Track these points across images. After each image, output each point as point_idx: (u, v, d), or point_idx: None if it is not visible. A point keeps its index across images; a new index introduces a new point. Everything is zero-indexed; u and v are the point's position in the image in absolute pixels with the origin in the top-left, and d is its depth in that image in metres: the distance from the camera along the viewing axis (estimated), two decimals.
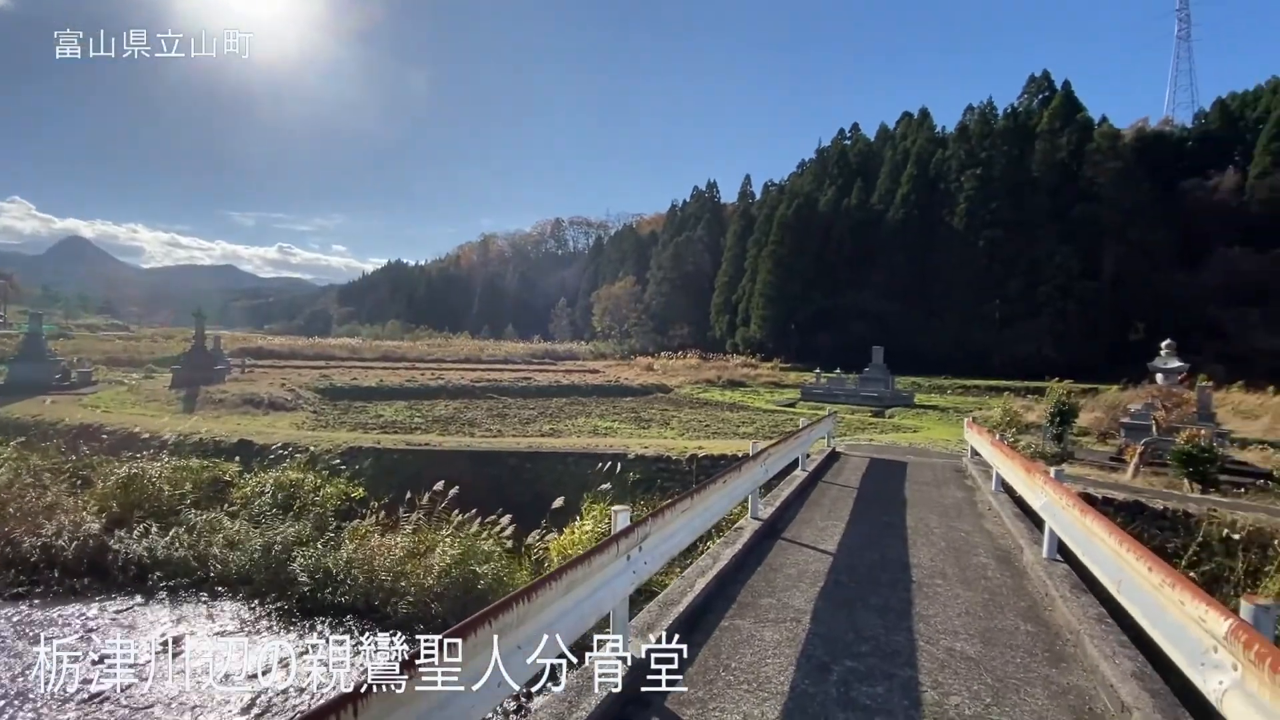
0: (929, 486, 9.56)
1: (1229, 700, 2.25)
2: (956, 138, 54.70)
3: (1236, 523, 8.37)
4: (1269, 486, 12.10)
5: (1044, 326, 44.32)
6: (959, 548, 6.33)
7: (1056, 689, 3.52)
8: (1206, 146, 60.91)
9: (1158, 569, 2.95)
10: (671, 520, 4.29)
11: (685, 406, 27.20)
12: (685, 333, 69.33)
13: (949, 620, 4.48)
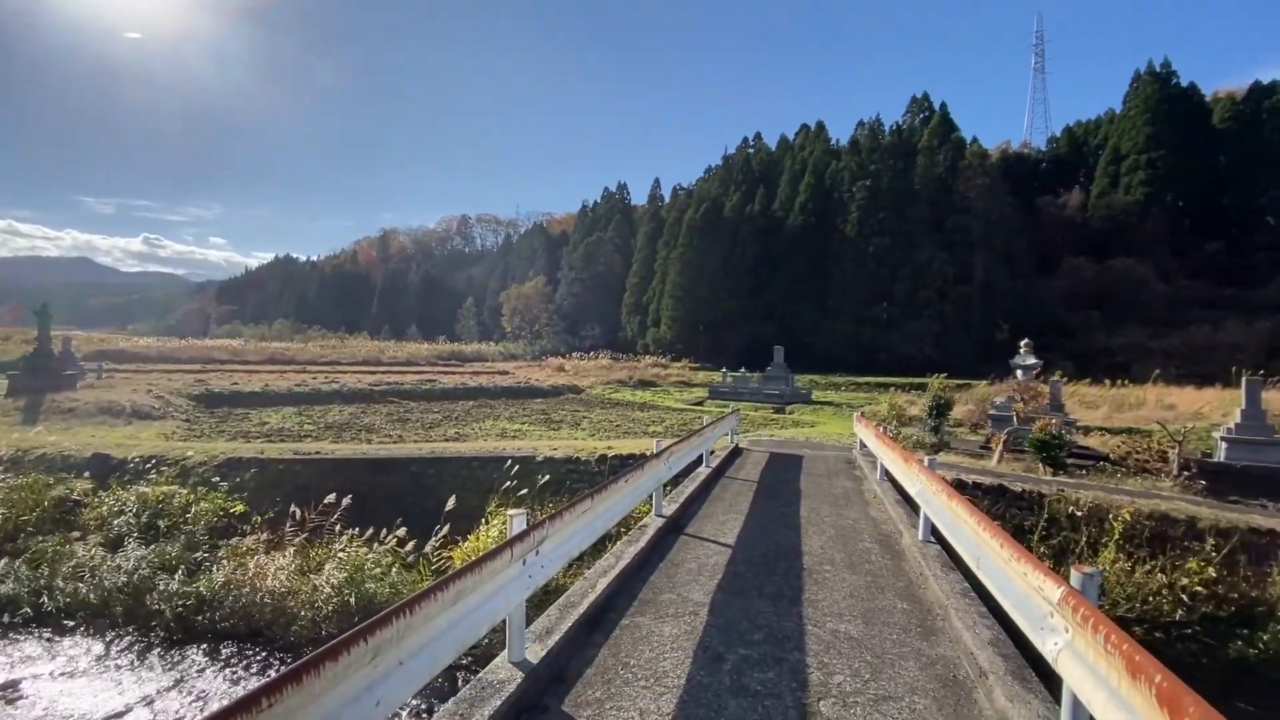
0: (822, 478, 10.12)
1: (1063, 659, 2.53)
2: (849, 150, 58.35)
3: (1080, 500, 9.46)
4: (1105, 467, 13.83)
5: (925, 327, 48.20)
6: (847, 534, 6.74)
7: (926, 660, 3.83)
8: (1058, 168, 68.84)
9: (1007, 545, 3.28)
10: (571, 522, 4.26)
11: (596, 407, 27.19)
12: (597, 333, 69.38)
13: (835, 603, 4.75)
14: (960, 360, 44.11)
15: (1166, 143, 55.26)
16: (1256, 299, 47.07)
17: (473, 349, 64.53)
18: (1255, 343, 40.59)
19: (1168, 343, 43.33)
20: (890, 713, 3.20)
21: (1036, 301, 51.17)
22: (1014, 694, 3.16)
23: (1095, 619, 2.25)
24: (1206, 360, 37.81)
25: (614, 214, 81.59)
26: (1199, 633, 7.50)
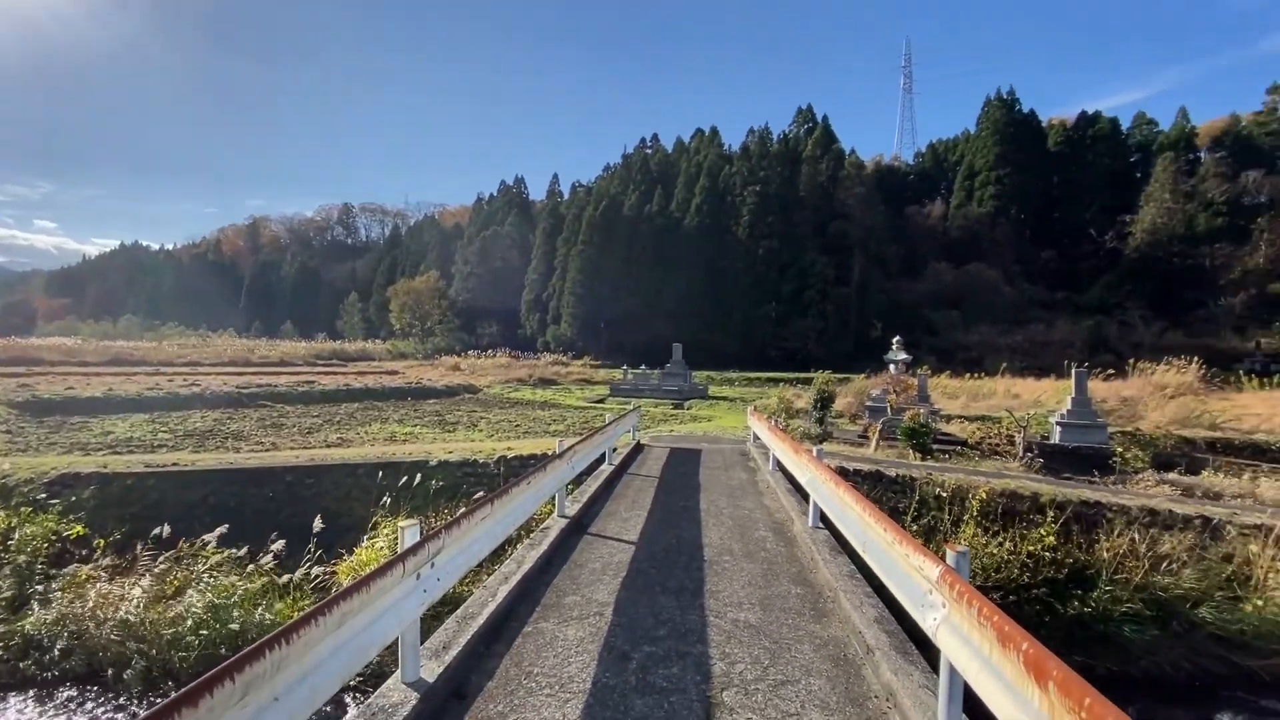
0: (719, 471, 10.45)
1: (941, 632, 2.74)
2: (740, 156, 60.85)
3: (945, 482, 10.43)
4: (965, 451, 15.39)
5: (810, 325, 51.37)
6: (744, 525, 6.99)
7: (820, 642, 4.03)
8: (923, 181, 75.87)
9: (890, 529, 3.52)
10: (469, 530, 4.07)
11: (495, 407, 26.44)
12: (494, 331, 67.56)
13: (735, 593, 4.90)
14: (840, 356, 47.40)
15: (1011, 162, 62.56)
16: (1081, 301, 54.46)
17: (357, 348, 60.52)
18: (1081, 339, 46.95)
19: (1013, 339, 49.01)
20: (788, 696, 3.33)
21: (905, 301, 56.07)
22: (898, 667, 3.40)
23: (969, 594, 2.45)
24: (1043, 354, 43.23)
25: (511, 208, 79.79)
26: (1043, 594, 8.50)
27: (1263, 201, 53.96)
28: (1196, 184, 55.32)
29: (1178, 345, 36.54)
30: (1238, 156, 57.87)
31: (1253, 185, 55.18)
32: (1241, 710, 7.14)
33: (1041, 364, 37.79)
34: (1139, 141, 65.29)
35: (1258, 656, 7.72)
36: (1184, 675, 7.79)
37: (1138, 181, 59.10)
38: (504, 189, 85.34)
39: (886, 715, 3.15)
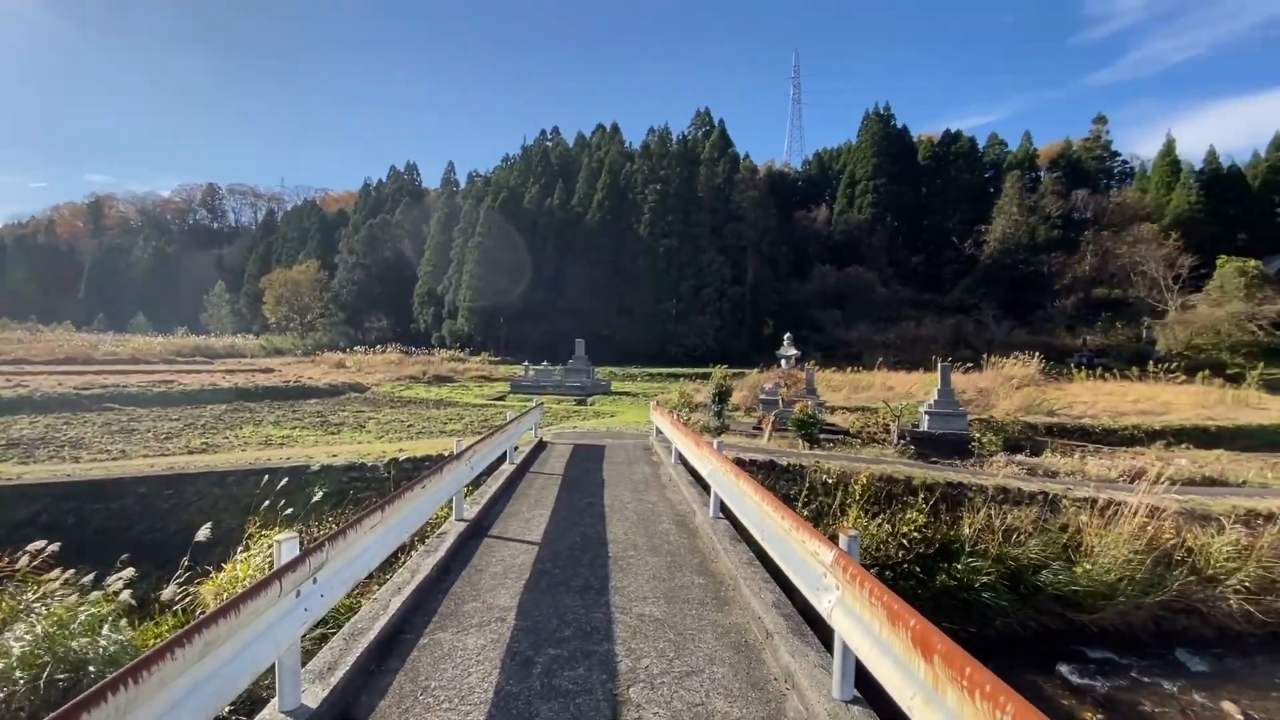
0: (623, 465, 10.50)
1: (835, 614, 2.88)
2: (641, 154, 61.46)
3: (831, 469, 11.12)
4: (848, 440, 16.51)
5: (708, 322, 52.96)
6: (647, 518, 7.05)
7: (722, 630, 4.14)
8: (810, 187, 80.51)
9: (787, 516, 3.67)
10: (357, 539, 3.77)
11: (385, 406, 24.98)
12: (384, 325, 63.86)
13: (640, 587, 4.92)
14: (736, 351, 49.30)
15: (887, 173, 67.87)
16: (945, 301, 60.17)
17: (225, 343, 54.89)
18: (945, 336, 51.87)
19: (887, 336, 53.21)
20: (693, 686, 3.38)
21: (794, 301, 59.28)
22: (795, 649, 3.55)
23: (861, 576, 2.59)
24: (913, 350, 47.38)
25: (403, 196, 75.72)
26: (915, 570, 9.29)
27: (1089, 217, 62.33)
28: (1037, 200, 62.83)
29: (1023, 342, 41.39)
30: (1070, 177, 66.42)
31: (1081, 203, 63.60)
32: (1076, 659, 8.19)
33: (912, 359, 41.42)
34: (992, 159, 73.08)
35: (1088, 612, 8.88)
36: (1030, 633, 8.80)
37: (991, 196, 66.11)
38: (394, 175, 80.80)
39: (786, 696, 3.28)
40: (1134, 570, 8.92)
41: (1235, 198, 62.13)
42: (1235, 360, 40.47)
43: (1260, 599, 8.85)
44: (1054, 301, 56.30)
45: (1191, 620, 8.98)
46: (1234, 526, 9.64)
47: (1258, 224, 60.67)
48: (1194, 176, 63.58)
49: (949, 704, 1.87)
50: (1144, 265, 52.25)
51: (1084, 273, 56.52)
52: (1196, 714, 6.98)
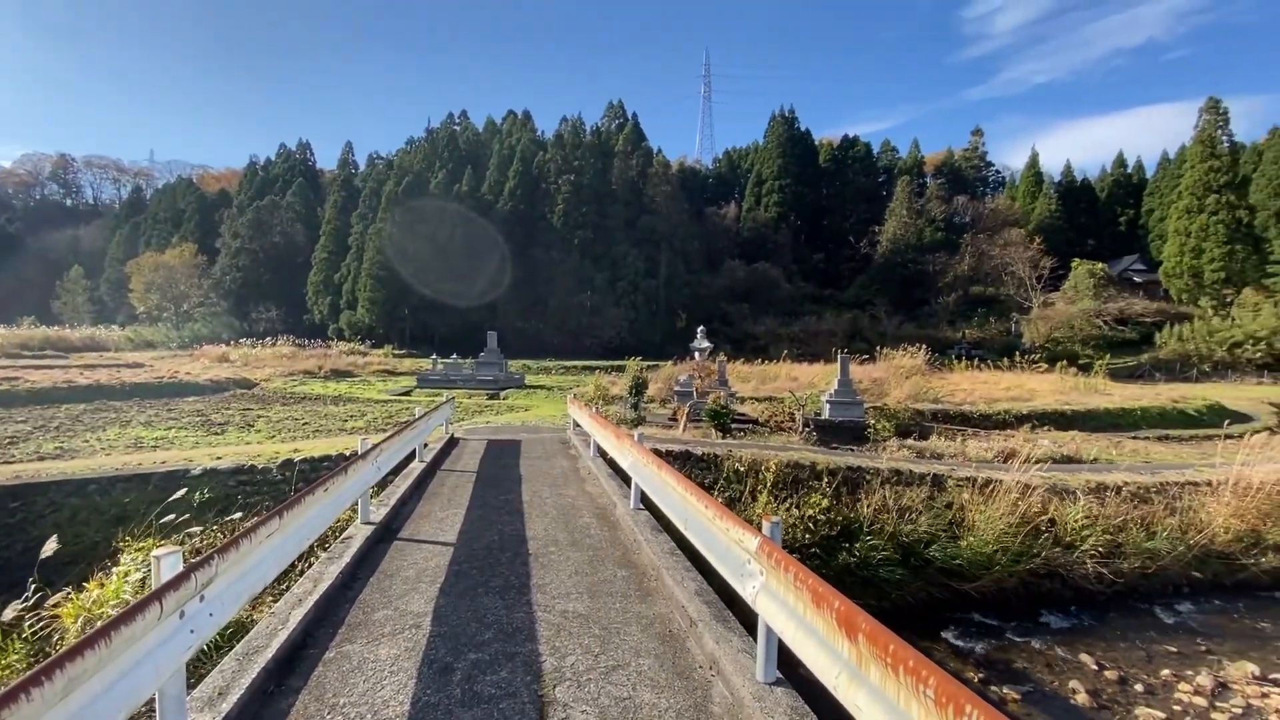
0: (540, 460, 10.32)
1: (760, 599, 2.95)
2: (554, 144, 60.53)
3: (743, 457, 11.49)
4: (757, 429, 17.14)
5: (623, 314, 53.21)
6: (568, 513, 6.97)
7: (647, 621, 4.15)
8: (720, 184, 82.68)
9: (711, 505, 3.73)
10: (251, 550, 3.44)
11: (276, 403, 23.15)
12: (274, 316, 59.16)
13: (562, 583, 4.84)
14: (650, 343, 49.91)
15: (791, 173, 70.92)
16: (843, 297, 63.86)
17: (84, 335, 48.72)
18: (843, 329, 55.05)
19: (792, 329, 55.81)
20: (620, 680, 3.37)
21: (706, 294, 60.77)
22: (720, 636, 3.62)
23: (785, 560, 2.67)
24: (815, 343, 49.96)
25: (295, 176, 70.35)
26: (819, 551, 9.80)
27: (968, 221, 68.24)
28: (924, 204, 68.00)
29: (911, 335, 44.73)
30: (951, 183, 72.40)
31: (961, 208, 69.50)
32: (960, 625, 8.96)
33: (814, 351, 43.70)
34: (885, 165, 78.23)
35: (970, 581, 9.74)
36: (921, 603, 9.53)
37: (884, 199, 70.78)
38: (285, 154, 74.85)
39: (712, 683, 3.33)
40: (1008, 542, 9.88)
41: (1087, 207, 70.23)
42: (1086, 352, 45.84)
43: (1109, 562, 10.07)
44: (938, 298, 61.22)
45: (1054, 584, 10.06)
46: (1086, 498, 10.90)
47: (1105, 231, 68.94)
48: (1054, 188, 71.25)
49: (873, 680, 1.96)
50: (1013, 266, 57.98)
51: (963, 272, 61.85)
52: (1059, 666, 7.83)
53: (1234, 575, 10.52)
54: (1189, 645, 8.50)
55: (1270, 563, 10.54)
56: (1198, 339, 45.58)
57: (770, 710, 2.81)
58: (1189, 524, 10.67)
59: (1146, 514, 10.82)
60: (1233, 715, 6.85)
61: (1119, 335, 50.23)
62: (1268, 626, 9.16)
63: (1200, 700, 7.10)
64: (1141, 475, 12.13)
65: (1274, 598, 10.24)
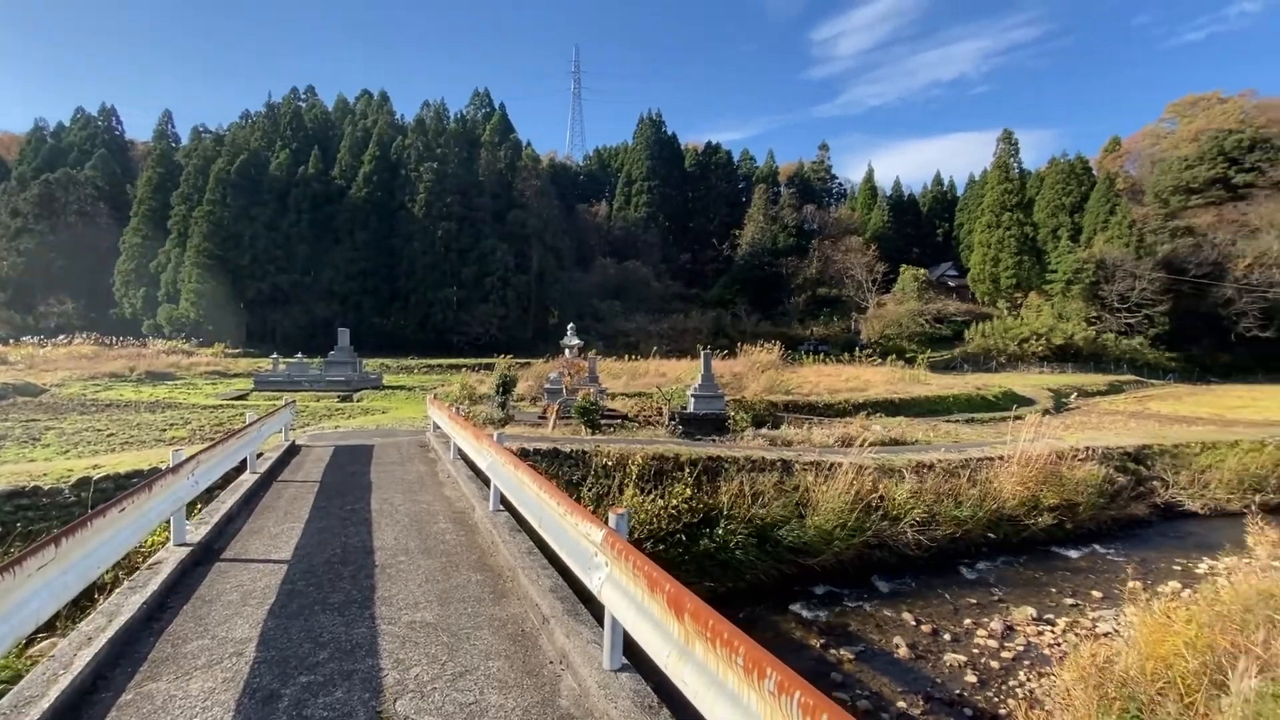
0: (395, 465, 9.74)
1: (605, 590, 3.01)
2: (415, 129, 57.23)
3: (610, 452, 11.66)
4: (627, 424, 17.48)
5: (492, 310, 51.66)
6: (421, 520, 6.64)
7: (499, 623, 4.08)
8: (591, 182, 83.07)
9: (562, 501, 3.74)
10: (16, 586, 2.90)
11: (72, 412, 19.68)
12: (70, 310, 50.29)
13: (411, 593, 4.61)
14: (522, 341, 49.00)
15: (659, 176, 73.05)
16: (708, 296, 66.98)
17: None
18: (708, 327, 57.75)
19: (661, 326, 57.56)
20: (466, 686, 3.28)
21: (577, 291, 60.84)
22: (570, 630, 3.65)
23: (626, 550, 2.75)
24: (683, 339, 51.94)
25: (96, 146, 60.23)
26: (683, 538, 10.22)
27: (815, 228, 74.50)
28: (779, 211, 73.22)
29: (767, 332, 47.97)
30: (802, 193, 78.60)
31: (810, 216, 75.71)
32: (806, 597, 9.78)
33: (682, 347, 45.47)
34: (745, 172, 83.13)
35: (815, 556, 10.66)
36: (774, 580, 10.27)
37: (744, 204, 75.27)
38: (84, 120, 63.79)
39: (561, 677, 3.35)
40: (846, 518, 10.95)
41: (912, 219, 79.56)
42: (911, 347, 52.00)
43: (926, 530, 11.51)
44: (790, 298, 66.27)
45: (883, 553, 11.31)
46: (910, 476, 12.38)
47: (926, 240, 78.48)
48: (886, 201, 79.93)
49: (697, 655, 2.08)
50: (853, 270, 64.31)
51: (812, 275, 67.49)
52: (886, 625, 8.82)
53: (1019, 534, 12.50)
54: (986, 596, 9.96)
55: (1045, 522, 12.64)
56: (996, 335, 53.45)
57: (614, 695, 2.88)
58: (986, 494, 12.49)
59: (955, 487, 12.50)
60: (1016, 652, 8.13)
61: (938, 332, 57.57)
62: (1042, 575, 10.99)
63: (993, 643, 8.35)
64: (952, 454, 13.99)
65: (1049, 550, 12.30)
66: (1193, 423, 24.08)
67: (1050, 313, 54.22)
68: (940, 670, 7.56)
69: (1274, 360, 53.68)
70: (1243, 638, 5.40)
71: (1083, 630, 8.52)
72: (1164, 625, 6.26)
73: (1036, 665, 7.65)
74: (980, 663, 7.76)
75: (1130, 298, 54.14)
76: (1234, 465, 15.57)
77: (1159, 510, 14.67)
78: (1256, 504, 14.39)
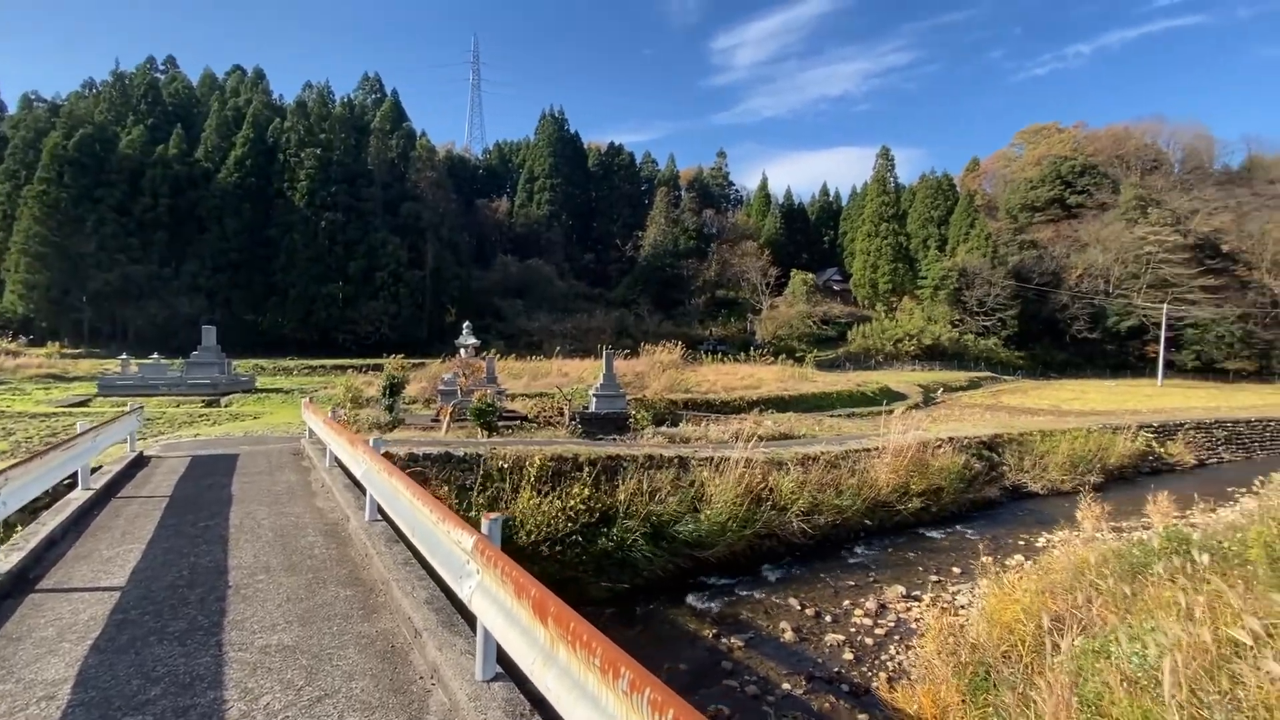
0: (262, 476, 8.91)
1: (475, 598, 2.88)
2: (296, 111, 53.02)
3: (507, 455, 11.35)
4: (526, 425, 17.13)
5: (382, 307, 48.88)
6: (288, 534, 6.10)
7: (367, 640, 3.80)
8: (491, 177, 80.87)
9: (435, 509, 3.55)
10: None
11: None
12: None
13: (268, 615, 4.20)
14: (416, 340, 46.79)
15: (562, 174, 72.37)
16: (612, 296, 67.24)
17: None
18: (611, 326, 57.96)
19: (564, 326, 57.07)
20: (325, 711, 3.02)
21: (477, 289, 59.03)
22: (443, 642, 3.46)
23: (496, 556, 2.63)
24: (587, 339, 51.80)
25: None
26: (581, 538, 10.13)
27: (714, 232, 76.96)
28: (680, 214, 74.90)
29: (669, 332, 48.92)
30: (702, 197, 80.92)
31: (709, 220, 78.10)
32: (700, 589, 10.02)
33: (586, 347, 45.34)
34: (647, 175, 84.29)
35: (709, 549, 10.95)
36: (670, 575, 10.43)
37: (646, 206, 76.26)
38: None
39: (430, 692, 3.17)
40: (738, 510, 11.33)
41: (802, 226, 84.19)
42: (801, 347, 55.03)
43: (811, 518, 12.16)
44: (691, 299, 68.02)
45: (773, 542, 11.83)
46: (796, 468, 13.04)
47: (814, 247, 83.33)
48: (778, 208, 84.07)
49: (560, 659, 2.02)
50: (749, 274, 67.12)
51: (711, 277, 69.66)
52: (773, 611, 9.21)
53: (893, 519, 13.54)
54: (863, 578, 10.67)
55: (914, 506, 13.77)
56: (875, 336, 57.74)
57: (484, 707, 2.75)
58: (864, 483, 13.40)
59: (837, 477, 13.32)
60: (888, 628, 8.77)
61: (824, 333, 61.35)
62: (912, 555, 11.95)
63: (868, 621, 8.95)
64: (834, 446, 14.90)
65: (917, 532, 13.41)
66: (1036, 414, 27.30)
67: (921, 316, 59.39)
68: (821, 650, 7.99)
69: (1099, 358, 62.01)
70: (1068, 602, 6.13)
71: (944, 604, 9.35)
72: (1007, 595, 7.00)
73: (905, 639, 8.28)
74: (857, 640, 8.29)
75: (986, 302, 60.44)
76: (1066, 451, 17.76)
77: (1008, 492, 16.45)
78: (1085, 484, 16.55)
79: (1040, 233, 71.40)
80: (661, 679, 5.60)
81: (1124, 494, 15.53)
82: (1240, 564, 5.47)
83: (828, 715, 6.48)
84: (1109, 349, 62.58)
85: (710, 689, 6.88)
